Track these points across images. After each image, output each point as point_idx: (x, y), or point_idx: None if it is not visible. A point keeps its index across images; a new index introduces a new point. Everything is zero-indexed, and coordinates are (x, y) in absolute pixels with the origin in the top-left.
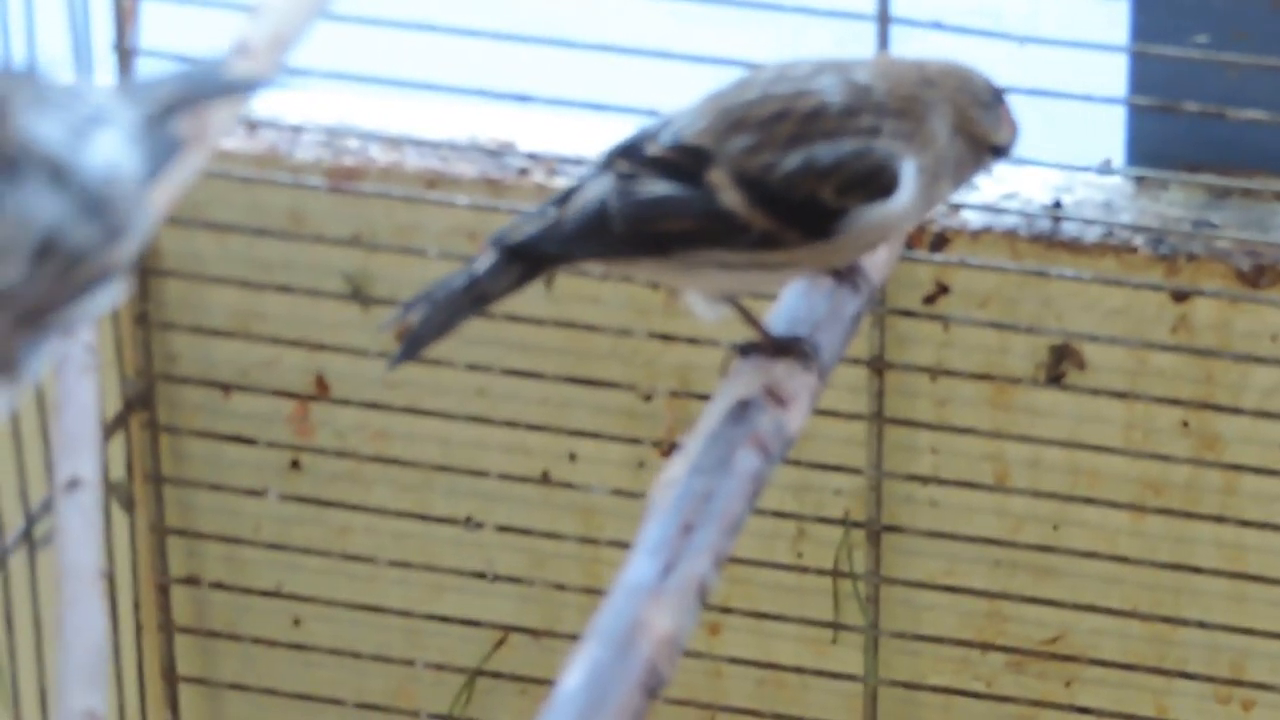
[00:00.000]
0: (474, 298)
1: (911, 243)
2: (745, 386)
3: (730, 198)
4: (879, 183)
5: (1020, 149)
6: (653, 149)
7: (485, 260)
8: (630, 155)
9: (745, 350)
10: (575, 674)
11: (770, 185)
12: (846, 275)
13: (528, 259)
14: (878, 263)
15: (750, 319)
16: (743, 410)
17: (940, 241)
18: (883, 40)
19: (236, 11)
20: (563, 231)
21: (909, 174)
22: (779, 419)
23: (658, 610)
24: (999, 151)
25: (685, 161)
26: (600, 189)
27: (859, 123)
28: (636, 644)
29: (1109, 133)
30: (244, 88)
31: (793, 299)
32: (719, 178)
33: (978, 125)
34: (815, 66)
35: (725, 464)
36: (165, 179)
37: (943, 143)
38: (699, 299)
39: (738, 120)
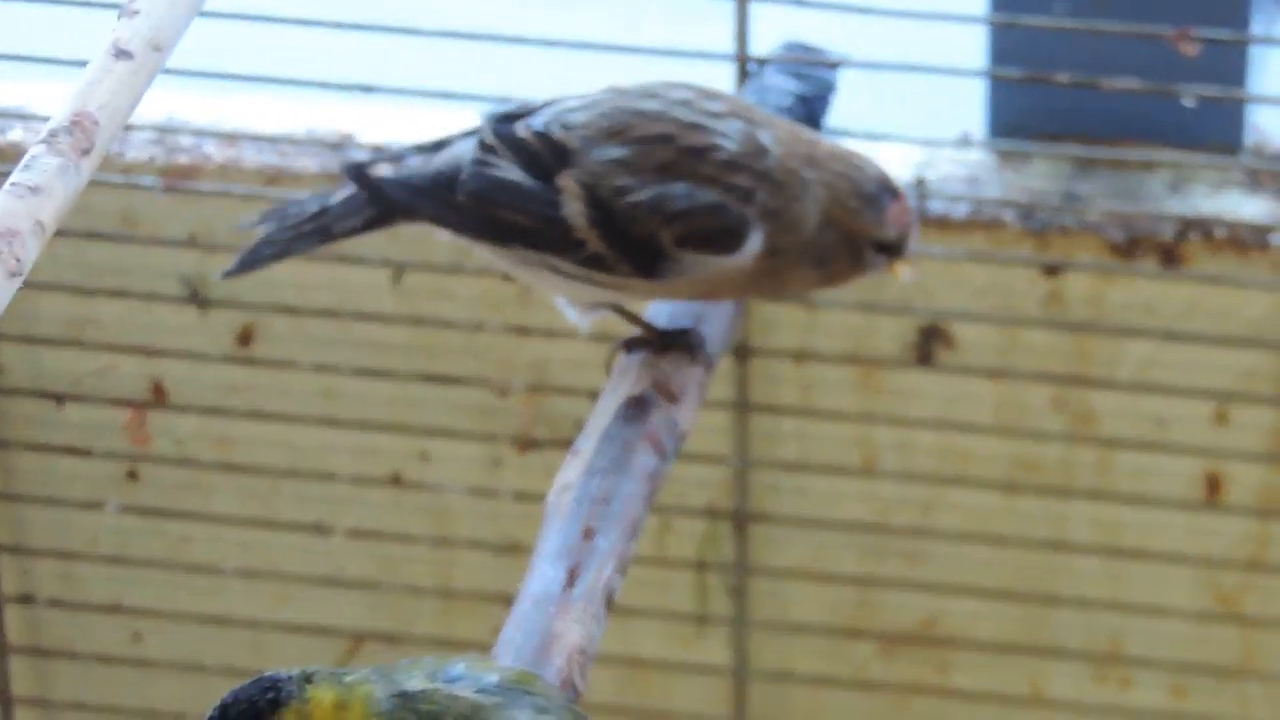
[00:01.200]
0: (319, 228)
1: None
2: (634, 383)
3: (573, 209)
4: (721, 244)
5: (879, 124)
6: (522, 130)
7: (341, 193)
8: (502, 127)
9: (630, 345)
10: None
11: (615, 211)
12: None
13: (378, 202)
14: None
15: (632, 315)
16: (635, 408)
17: None
18: (741, 17)
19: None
20: (412, 185)
21: (754, 244)
22: (671, 415)
23: (568, 621)
24: (885, 248)
25: (545, 154)
26: (462, 152)
27: (736, 180)
28: (550, 657)
29: (968, 106)
30: None
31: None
32: (569, 184)
33: (853, 218)
34: (731, 107)
35: (622, 464)
36: None
37: (810, 227)
38: (571, 304)
39: (620, 127)
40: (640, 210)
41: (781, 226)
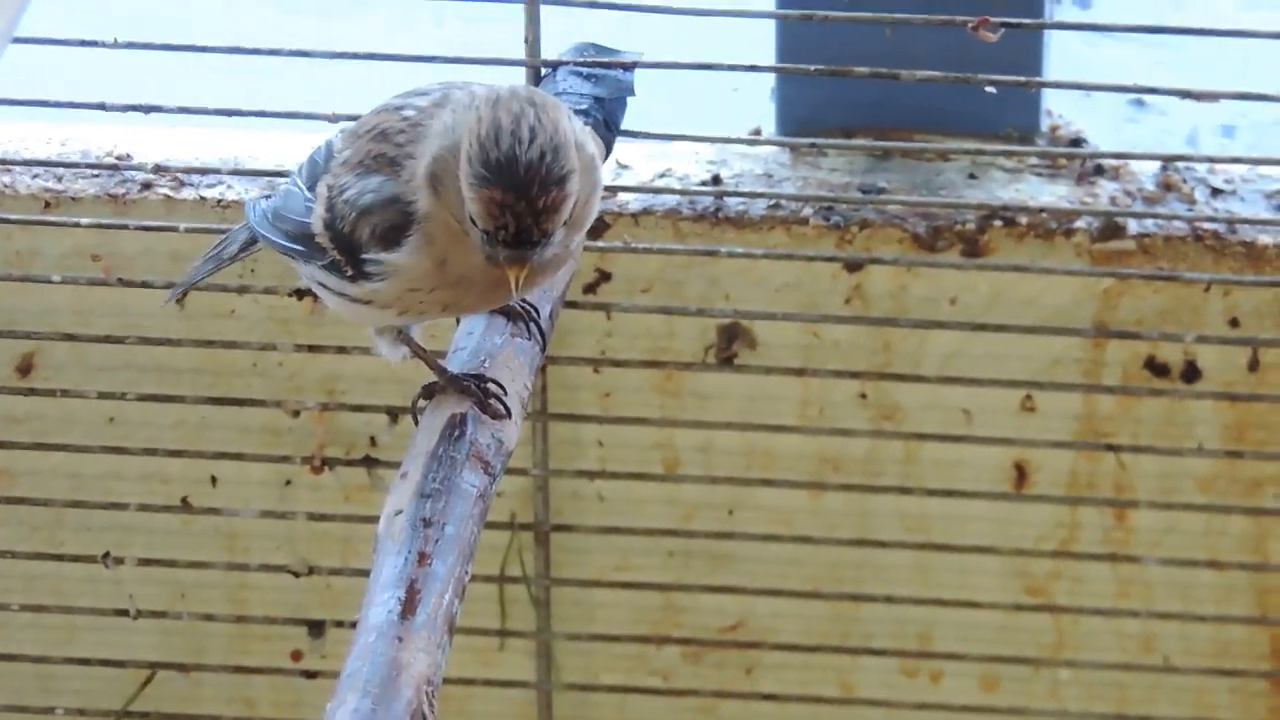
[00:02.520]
0: (216, 253)
1: None
2: (456, 403)
3: (318, 213)
4: (389, 239)
5: (674, 124)
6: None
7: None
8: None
9: (428, 392)
10: None
11: (334, 210)
12: (517, 317)
13: (248, 228)
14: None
15: (425, 358)
16: (459, 426)
17: (599, 227)
18: (532, 20)
19: None
20: (259, 210)
21: (415, 237)
22: (496, 432)
23: (413, 651)
24: (490, 238)
25: (320, 165)
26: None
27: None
28: (399, 689)
29: (761, 103)
30: None
31: (470, 334)
32: (320, 190)
33: (455, 198)
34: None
35: (451, 486)
36: None
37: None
38: (376, 337)
39: (362, 126)
40: (344, 206)
41: (431, 206)
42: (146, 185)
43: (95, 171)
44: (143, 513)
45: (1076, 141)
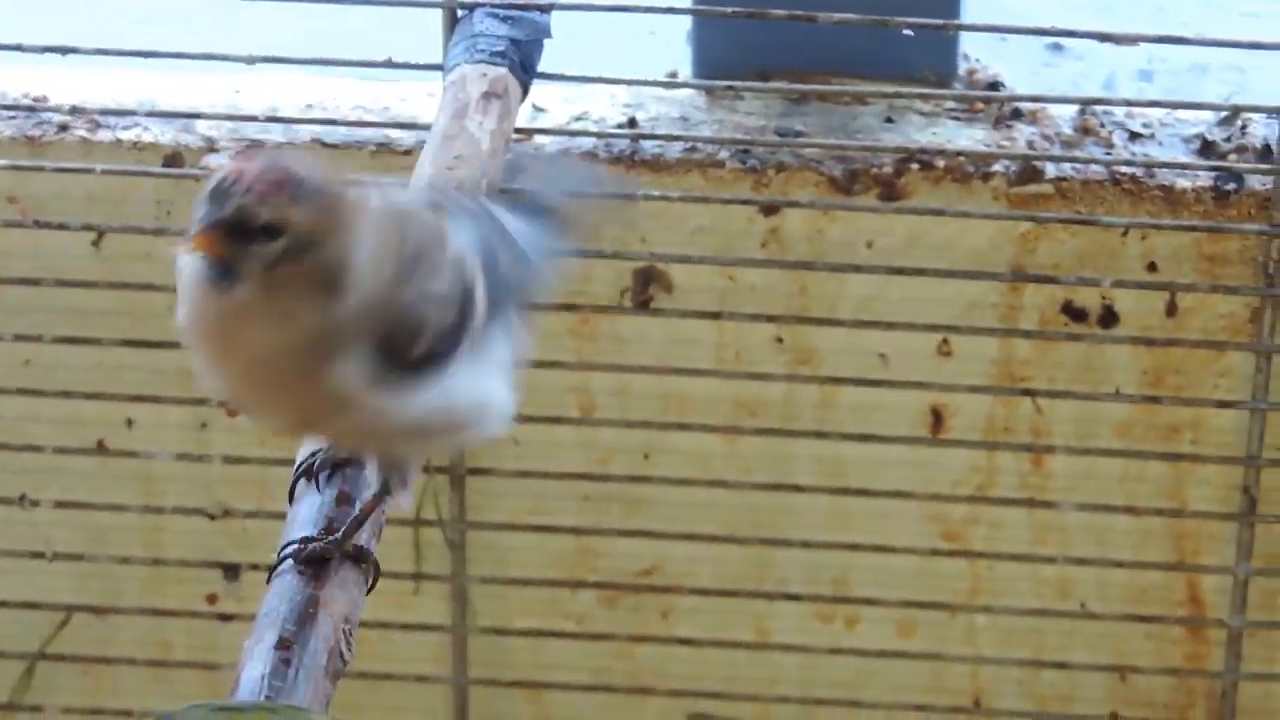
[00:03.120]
0: None
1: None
2: None
3: None
4: None
5: (588, 66)
6: None
7: None
8: None
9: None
10: (255, 664)
11: None
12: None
13: None
14: None
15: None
16: None
17: (514, 169)
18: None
19: None
20: None
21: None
22: None
23: (330, 588)
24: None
25: None
26: None
27: None
28: (316, 626)
29: (676, 46)
30: None
31: None
32: None
33: None
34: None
35: None
36: None
37: None
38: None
39: None
40: None
41: None
42: (63, 127)
43: (11, 113)
44: (59, 455)
45: (993, 85)
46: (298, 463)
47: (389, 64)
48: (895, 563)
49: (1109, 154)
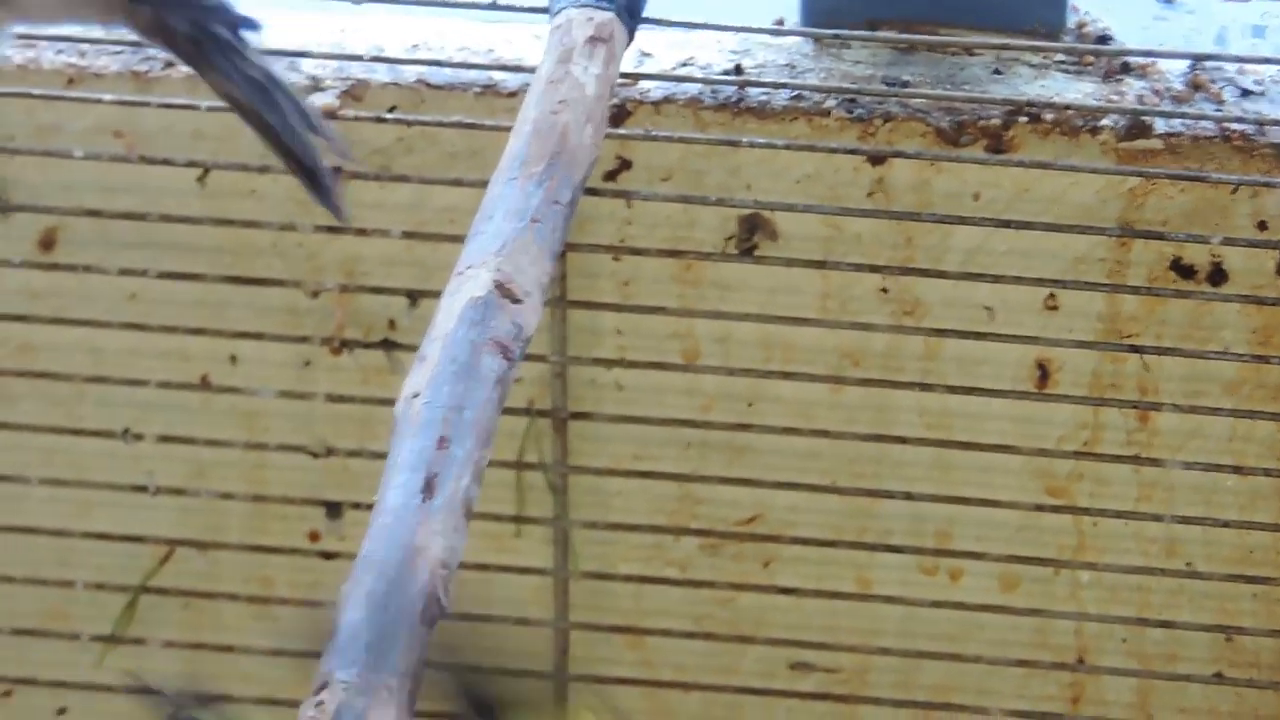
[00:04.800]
0: None
1: None
2: (477, 284)
3: None
4: None
5: (695, 12)
6: None
7: None
8: None
9: None
10: (354, 609)
11: None
12: None
13: None
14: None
15: None
16: (478, 311)
17: (621, 114)
18: None
19: None
20: None
21: None
22: (515, 317)
23: (429, 534)
24: None
25: None
26: None
27: None
28: (414, 572)
29: None
30: None
31: (489, 218)
32: None
33: None
34: None
35: (470, 370)
36: None
37: None
38: None
39: None
40: None
41: None
42: (169, 63)
43: (119, 48)
44: (162, 390)
45: (1103, 39)
46: None
47: (495, 6)
48: (999, 517)
49: (1219, 110)
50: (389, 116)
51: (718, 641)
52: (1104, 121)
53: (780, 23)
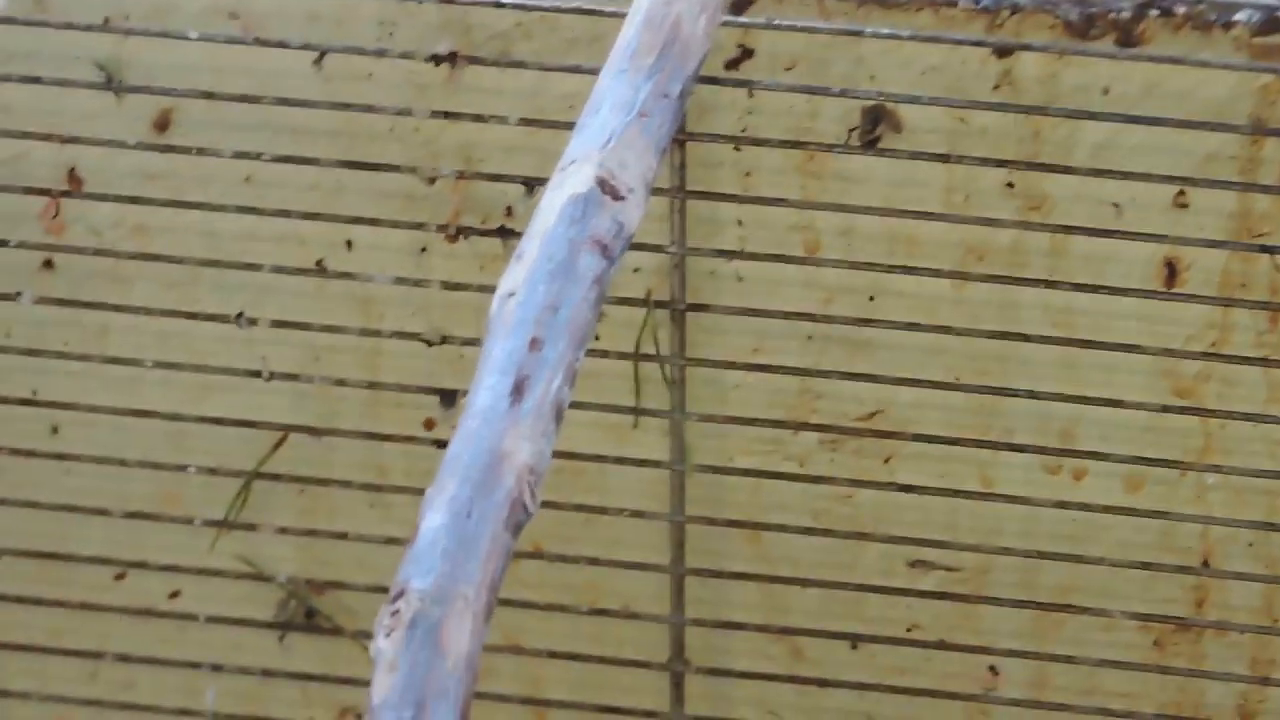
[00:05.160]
0: None
1: None
2: (579, 180)
3: None
4: None
5: None
6: None
7: None
8: None
9: None
10: (435, 514)
11: None
12: None
13: None
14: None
15: None
16: (579, 207)
17: (743, 1)
18: None
19: None
20: None
21: None
22: (617, 214)
23: (517, 439)
24: None
25: None
26: None
27: None
28: (500, 477)
29: None
30: None
31: (596, 112)
32: None
33: None
34: None
35: (567, 269)
36: None
37: None
38: None
39: None
40: None
41: None
42: None
43: None
44: (277, 274)
45: None
46: None
47: None
48: (1124, 417)
49: None
50: (507, 1)
51: (836, 538)
52: (1237, 16)
53: None
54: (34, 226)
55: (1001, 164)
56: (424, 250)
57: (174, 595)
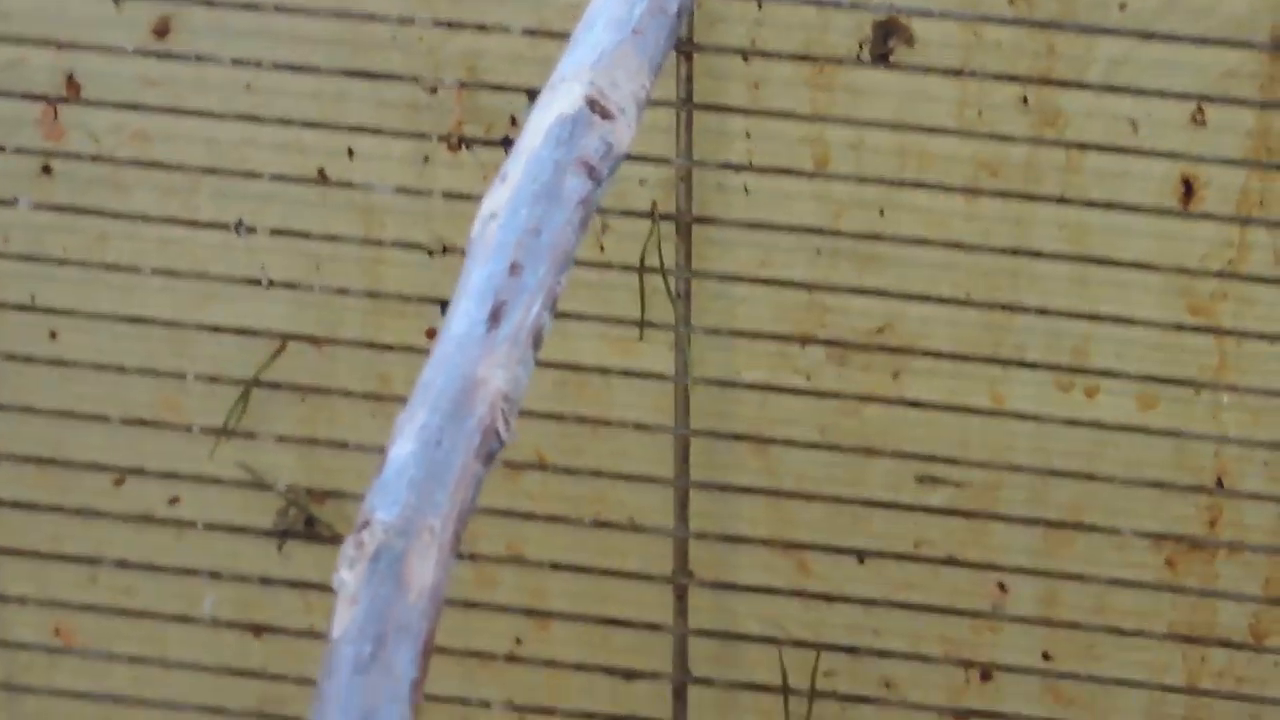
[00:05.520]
0: None
1: None
2: (567, 100)
3: None
4: None
5: None
6: None
7: None
8: None
9: None
10: (404, 442)
11: None
12: None
13: None
14: None
15: None
16: (566, 128)
17: None
18: None
19: None
20: None
21: None
22: (606, 135)
23: (491, 366)
24: None
25: None
26: None
27: None
28: (472, 405)
29: None
30: None
31: (589, 28)
32: None
33: None
34: None
35: (552, 191)
36: None
37: None
38: None
39: None
40: None
41: None
42: None
43: None
44: (278, 182)
45: None
46: None
47: None
48: (1138, 335)
49: None
50: None
51: (843, 453)
52: None
53: None
54: (32, 132)
55: (1015, 79)
56: (426, 160)
57: (173, 502)
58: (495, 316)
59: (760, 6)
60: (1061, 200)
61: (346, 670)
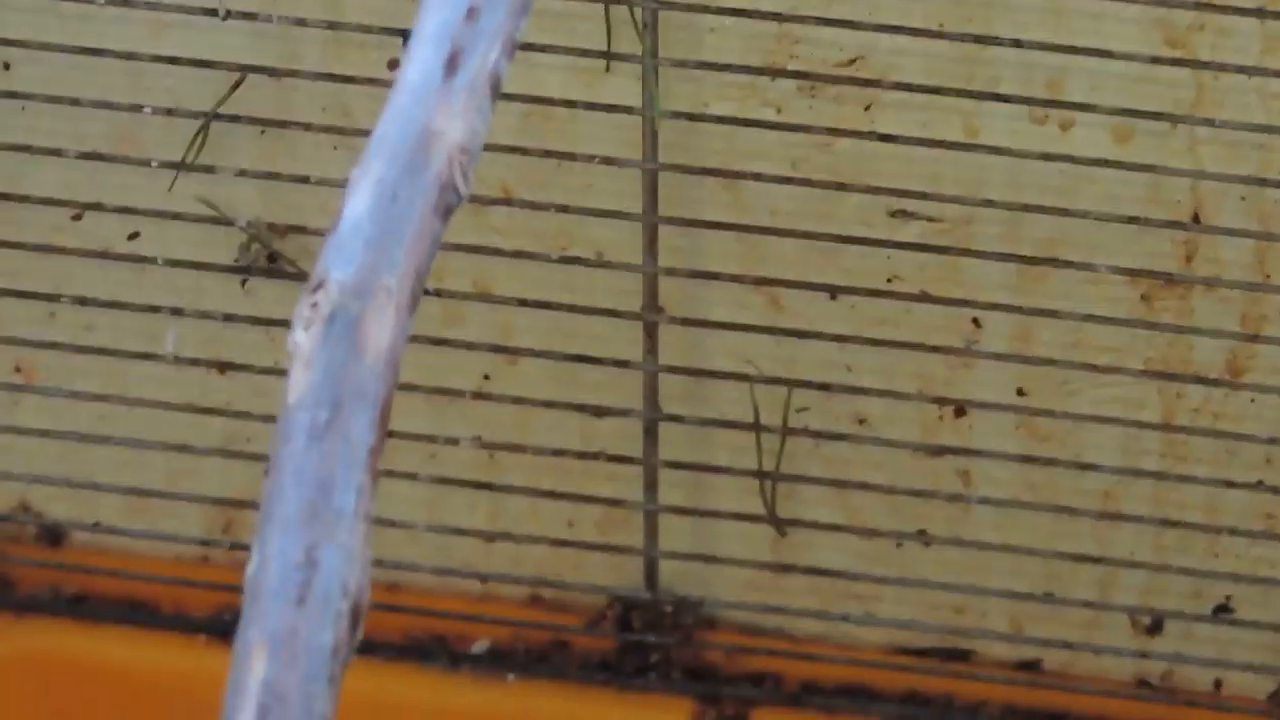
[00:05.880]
0: None
1: None
2: None
3: None
4: None
5: None
6: None
7: None
8: None
9: None
10: (359, 198)
11: None
12: None
13: None
14: None
15: None
16: None
17: None
18: None
19: None
20: None
21: None
22: None
23: (448, 115)
24: None
25: None
26: None
27: None
28: (428, 158)
29: None
30: None
31: None
32: None
33: None
34: None
35: None
36: None
37: None
38: None
39: None
40: None
41: None
42: None
43: None
44: None
45: None
46: None
47: None
48: (1113, 67)
49: None
50: None
51: (814, 187)
52: None
53: None
54: None
55: None
56: None
57: (133, 237)
58: (452, 64)
59: None
60: None
61: (302, 437)
